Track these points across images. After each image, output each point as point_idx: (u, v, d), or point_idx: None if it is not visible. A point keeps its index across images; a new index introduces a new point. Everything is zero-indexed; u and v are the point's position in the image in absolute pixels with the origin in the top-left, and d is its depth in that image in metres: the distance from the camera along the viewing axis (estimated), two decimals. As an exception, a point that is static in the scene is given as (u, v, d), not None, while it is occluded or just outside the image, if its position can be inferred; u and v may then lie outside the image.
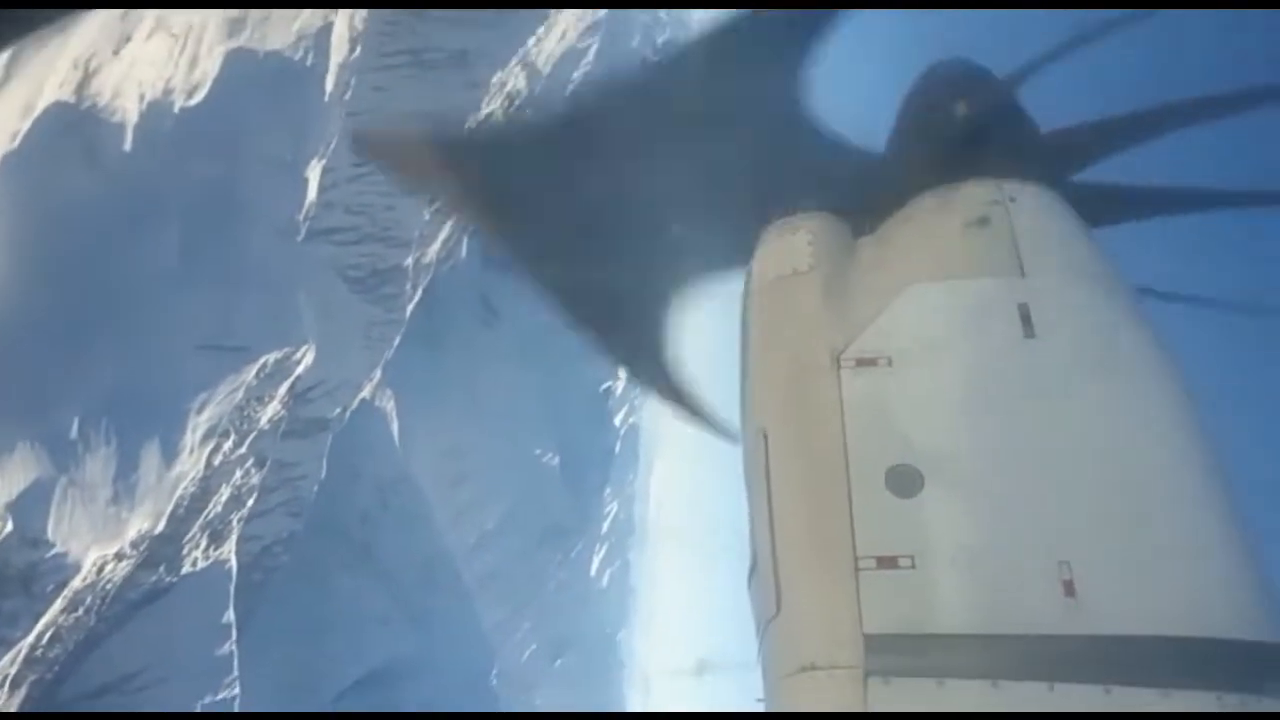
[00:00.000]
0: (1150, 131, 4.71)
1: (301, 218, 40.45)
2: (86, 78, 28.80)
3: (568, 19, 63.04)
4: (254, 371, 35.03)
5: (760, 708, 3.40)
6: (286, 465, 47.12)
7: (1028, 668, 2.93)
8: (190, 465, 33.31)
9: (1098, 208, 4.32)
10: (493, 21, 53.50)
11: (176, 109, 31.72)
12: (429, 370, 67.00)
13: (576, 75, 69.29)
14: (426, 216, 57.11)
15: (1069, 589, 3.02)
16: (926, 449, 3.41)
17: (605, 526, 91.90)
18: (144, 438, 31.34)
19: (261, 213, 35.00)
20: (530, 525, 74.13)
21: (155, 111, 31.09)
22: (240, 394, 34.72)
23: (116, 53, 29.51)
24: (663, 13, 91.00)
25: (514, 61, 56.35)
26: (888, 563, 3.21)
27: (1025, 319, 3.60)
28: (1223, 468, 3.39)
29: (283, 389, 37.91)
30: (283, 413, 39.04)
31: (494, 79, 55.61)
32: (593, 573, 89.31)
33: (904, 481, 3.34)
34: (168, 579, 36.42)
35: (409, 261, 54.75)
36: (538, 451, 76.84)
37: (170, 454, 32.19)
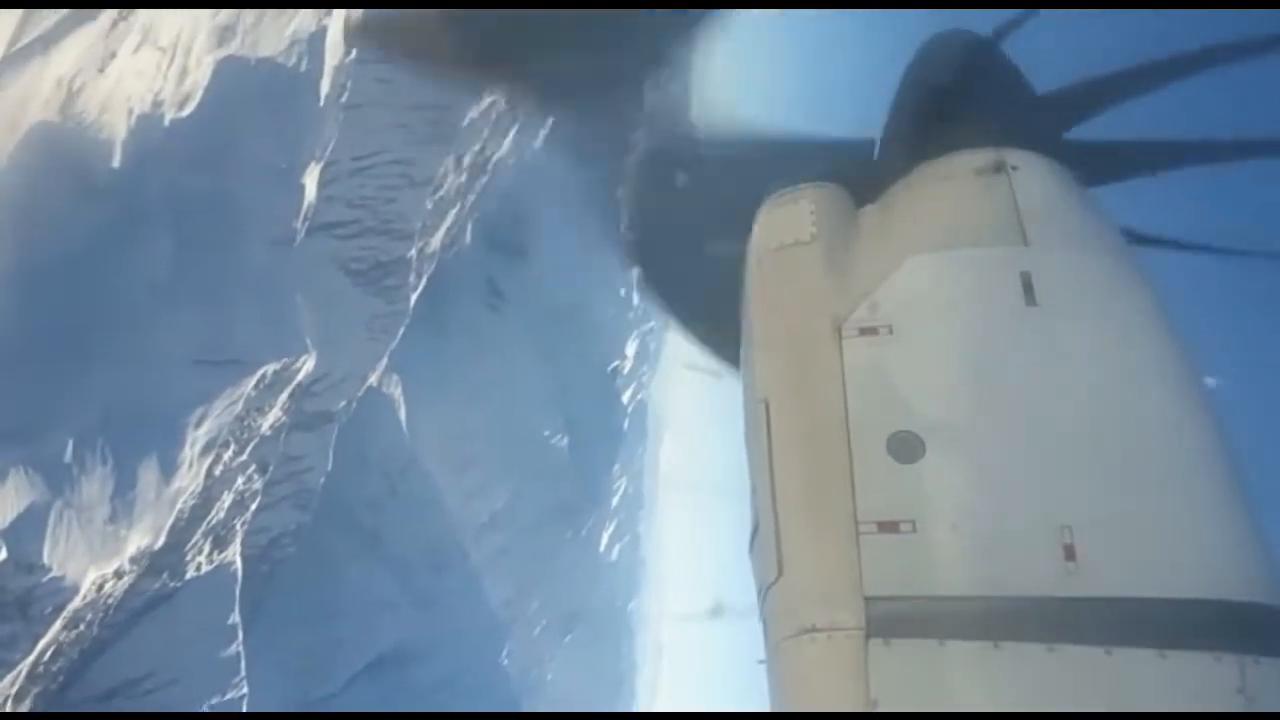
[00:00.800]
0: (1150, 84, 4.67)
1: (299, 219, 39.81)
2: (71, 96, 28.10)
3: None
4: (253, 383, 34.60)
5: (761, 670, 3.44)
6: (292, 459, 46.90)
7: (1028, 629, 2.96)
8: (189, 480, 33.00)
9: (1099, 165, 4.34)
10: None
11: (167, 122, 31.00)
12: (435, 355, 66.73)
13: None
14: (429, 206, 56.58)
15: (1070, 552, 3.05)
16: (927, 416, 3.44)
17: (615, 501, 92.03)
18: (141, 454, 31.00)
19: (256, 222, 34.37)
20: (539, 505, 74.17)
21: (144, 125, 30.40)
22: (239, 405, 34.32)
23: (102, 70, 28.77)
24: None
25: (517, 48, 55.13)
26: (889, 527, 3.25)
27: (1027, 287, 3.61)
28: (1223, 430, 3.43)
29: (283, 396, 37.49)
30: (284, 419, 38.67)
31: (496, 66, 54.47)
32: (602, 548, 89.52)
33: (905, 448, 3.37)
34: (171, 585, 36.27)
35: (412, 253, 54.18)
36: (546, 433, 76.72)
37: (169, 469, 31.86)
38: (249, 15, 32.73)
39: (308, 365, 37.90)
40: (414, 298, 56.48)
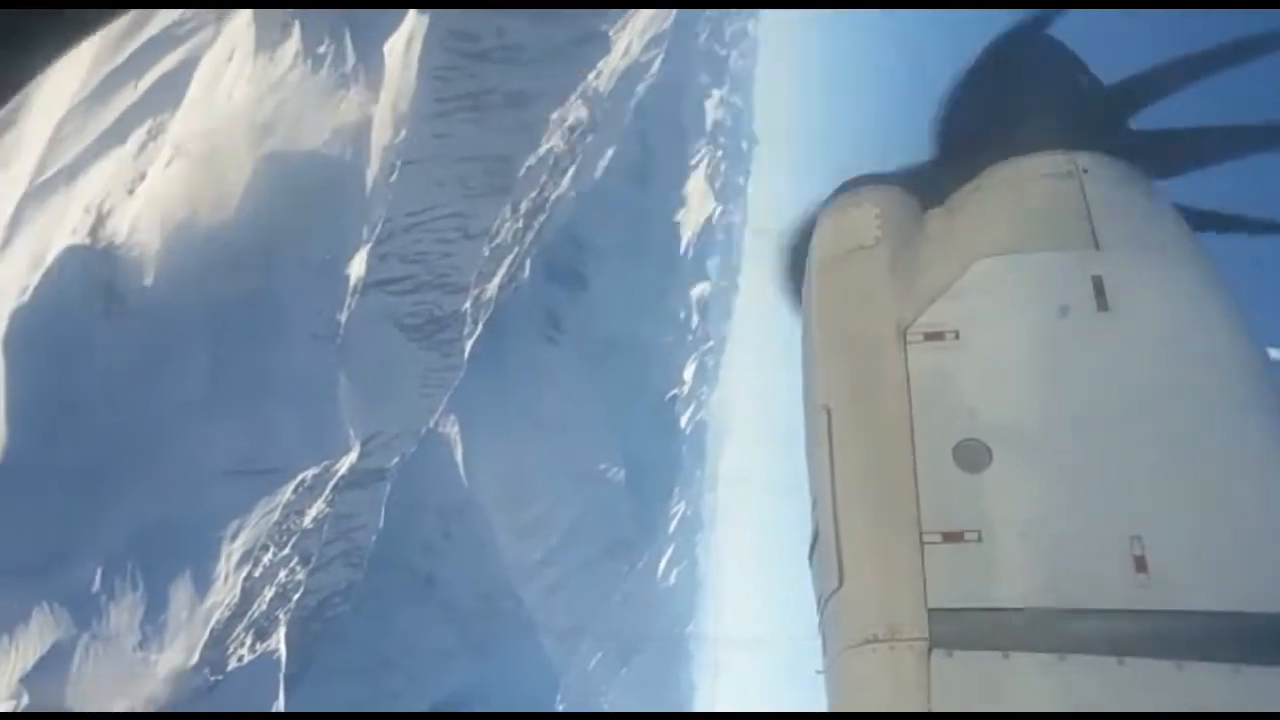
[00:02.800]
0: (1216, 67, 4.35)
1: (348, 294, 38.11)
2: (100, 220, 26.48)
3: (630, 36, 59.61)
4: (291, 488, 32.98)
5: (819, 680, 3.38)
6: (344, 517, 45.67)
7: (1096, 642, 2.85)
8: (225, 594, 31.54)
9: (1168, 156, 4.18)
10: (551, 58, 50.17)
11: (203, 229, 29.29)
12: (493, 392, 65.45)
13: (640, 89, 65.93)
14: (486, 253, 54.92)
15: (1140, 564, 2.94)
16: (995, 423, 3.33)
17: (673, 527, 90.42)
18: (173, 573, 29.58)
19: (298, 317, 32.63)
20: (595, 540, 72.78)
21: (179, 236, 28.72)
22: (277, 513, 32.77)
23: (131, 192, 27.08)
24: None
25: (574, 96, 53.05)
26: (954, 537, 3.17)
27: (1099, 291, 3.50)
28: None
29: (325, 493, 35.92)
30: (327, 510, 37.19)
31: (553, 115, 52.45)
32: (659, 575, 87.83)
33: (972, 456, 3.27)
34: (213, 679, 35.11)
35: (467, 306, 52.57)
36: (602, 466, 75.26)
37: (203, 585, 30.42)
38: (291, 110, 30.82)
39: (350, 459, 36.24)
40: (469, 346, 55.05)
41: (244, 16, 27.85)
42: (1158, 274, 3.64)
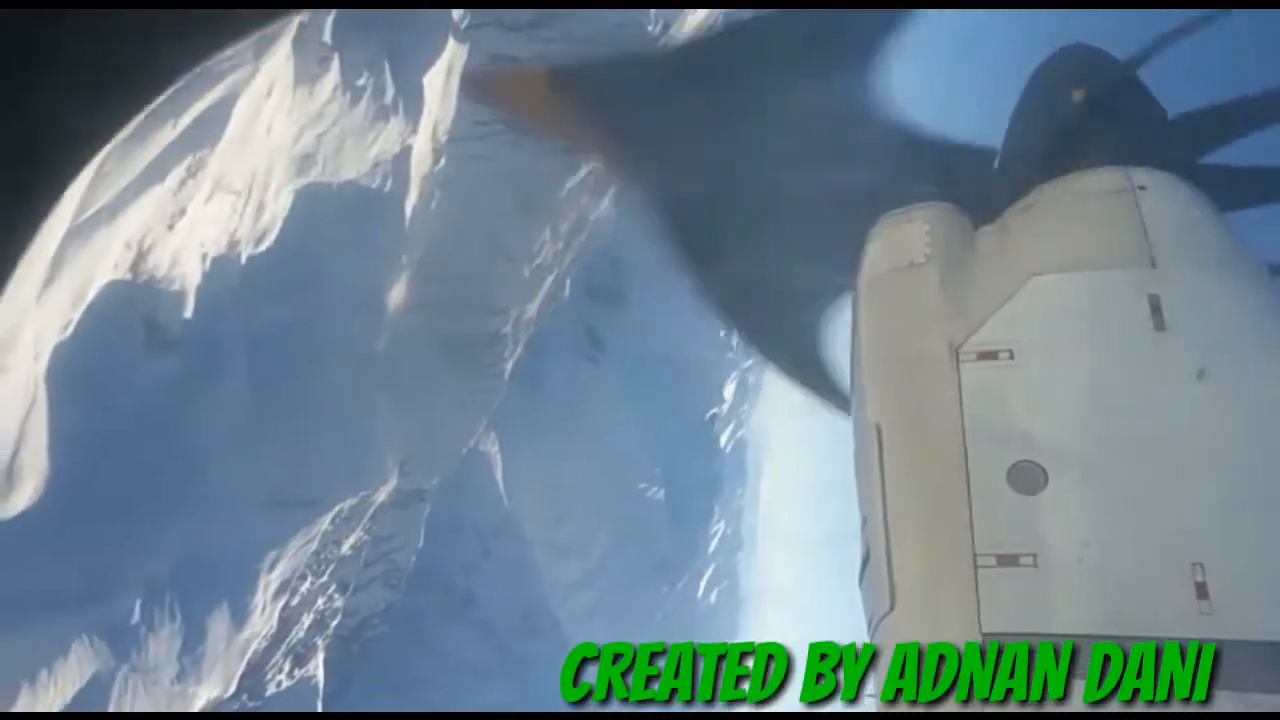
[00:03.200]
0: None
1: (386, 317, 38.09)
2: (141, 255, 26.60)
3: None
4: (329, 519, 32.94)
5: (871, 704, 3.20)
6: (383, 539, 45.66)
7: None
8: (263, 624, 31.55)
9: (1232, 192, 4.06)
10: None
11: (243, 259, 29.37)
12: (533, 411, 65.32)
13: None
14: (526, 274, 54.85)
15: (1202, 591, 2.86)
16: (1051, 444, 3.26)
17: (713, 547, 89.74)
18: (211, 605, 29.62)
19: (337, 346, 32.62)
20: (635, 561, 72.33)
21: (219, 268, 28.80)
22: (315, 543, 32.73)
23: (171, 227, 27.20)
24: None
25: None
26: (1008, 560, 3.09)
27: (1156, 310, 3.43)
28: None
29: (364, 521, 35.84)
30: (365, 538, 37.13)
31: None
32: (700, 595, 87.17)
33: (1026, 478, 3.20)
34: (250, 704, 35.13)
35: (507, 328, 52.48)
36: (641, 486, 74.89)
37: (240, 617, 30.44)
38: (330, 142, 30.84)
39: (389, 488, 36.15)
40: (509, 366, 54.98)
41: (283, 51, 27.92)
42: (1216, 294, 3.56)
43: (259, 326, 29.60)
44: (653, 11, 53.41)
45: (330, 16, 29.51)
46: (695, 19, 57.86)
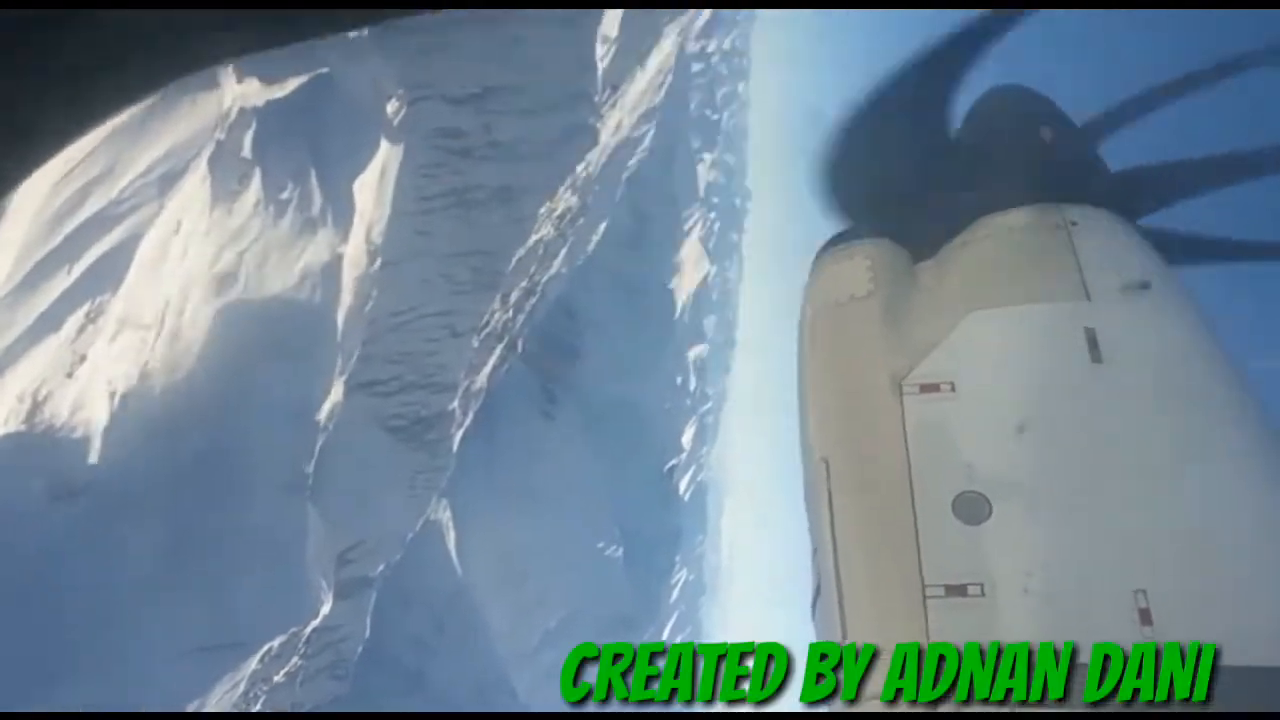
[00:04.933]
0: (1233, 176, 4.36)
1: (327, 404, 35.73)
2: (36, 407, 24.14)
3: (620, 113, 57.52)
4: (256, 659, 30.54)
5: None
6: (327, 630, 43.37)
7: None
8: (188, 774, 29.10)
9: (1147, 194, 4.19)
10: (540, 153, 47.86)
11: (158, 391, 26.91)
12: (487, 473, 63.29)
13: (632, 163, 63.88)
14: (475, 344, 52.73)
15: (1145, 617, 2.87)
16: (994, 475, 3.27)
17: (674, 595, 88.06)
18: (127, 766, 27.07)
19: (265, 470, 30.24)
20: (595, 620, 70.41)
21: (130, 404, 26.33)
22: (242, 685, 30.30)
23: (70, 375, 24.77)
24: (720, 64, 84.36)
25: (562, 189, 50.81)
26: (957, 590, 3.07)
27: (1092, 343, 3.47)
28: None
29: (293, 659, 33.43)
30: (301, 663, 34.75)
31: (541, 210, 50.18)
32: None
33: (971, 508, 3.19)
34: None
35: (454, 405, 50.23)
36: (600, 544, 73.08)
37: (160, 771, 27.99)
38: (253, 259, 28.49)
39: (320, 617, 33.80)
40: (458, 437, 52.85)
41: (199, 173, 25.58)
42: (1150, 325, 3.61)
43: (175, 460, 27.15)
44: (599, 78, 51.52)
45: (250, 130, 27.19)
46: (637, 87, 55.80)
